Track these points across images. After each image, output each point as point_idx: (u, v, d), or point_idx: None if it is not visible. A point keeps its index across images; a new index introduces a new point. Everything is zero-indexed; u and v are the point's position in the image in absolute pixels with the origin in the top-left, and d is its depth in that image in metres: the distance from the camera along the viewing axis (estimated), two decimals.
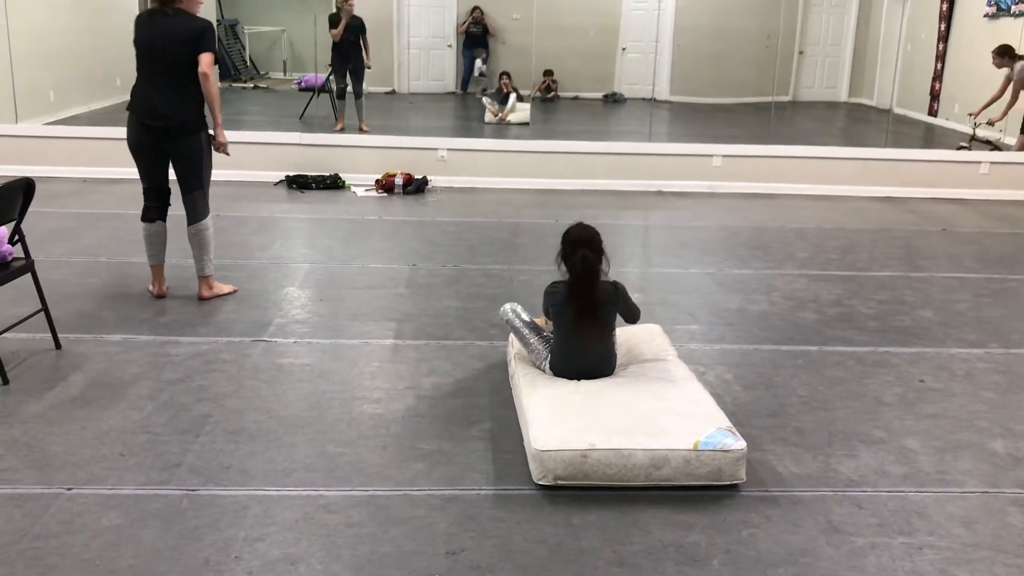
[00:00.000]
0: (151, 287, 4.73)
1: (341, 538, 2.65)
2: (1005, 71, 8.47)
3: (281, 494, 2.87)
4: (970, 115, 8.87)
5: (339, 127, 9.49)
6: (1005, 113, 8.42)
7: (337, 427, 3.33)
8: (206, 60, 4.34)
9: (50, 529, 2.64)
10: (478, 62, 12.15)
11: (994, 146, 8.54)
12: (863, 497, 2.96)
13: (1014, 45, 8.57)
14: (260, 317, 4.47)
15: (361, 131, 9.38)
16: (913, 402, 3.72)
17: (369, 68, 9.85)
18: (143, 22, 4.42)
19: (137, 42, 4.42)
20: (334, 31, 9.52)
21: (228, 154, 4.67)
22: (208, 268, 4.65)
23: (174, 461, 3.05)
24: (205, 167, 4.55)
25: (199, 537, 2.63)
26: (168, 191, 4.64)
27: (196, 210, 4.58)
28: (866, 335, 4.49)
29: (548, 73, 12.53)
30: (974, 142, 8.68)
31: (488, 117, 10.61)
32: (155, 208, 4.62)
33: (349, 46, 9.58)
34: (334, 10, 9.73)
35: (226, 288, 4.78)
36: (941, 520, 2.84)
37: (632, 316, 3.63)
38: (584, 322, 3.41)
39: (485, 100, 10.92)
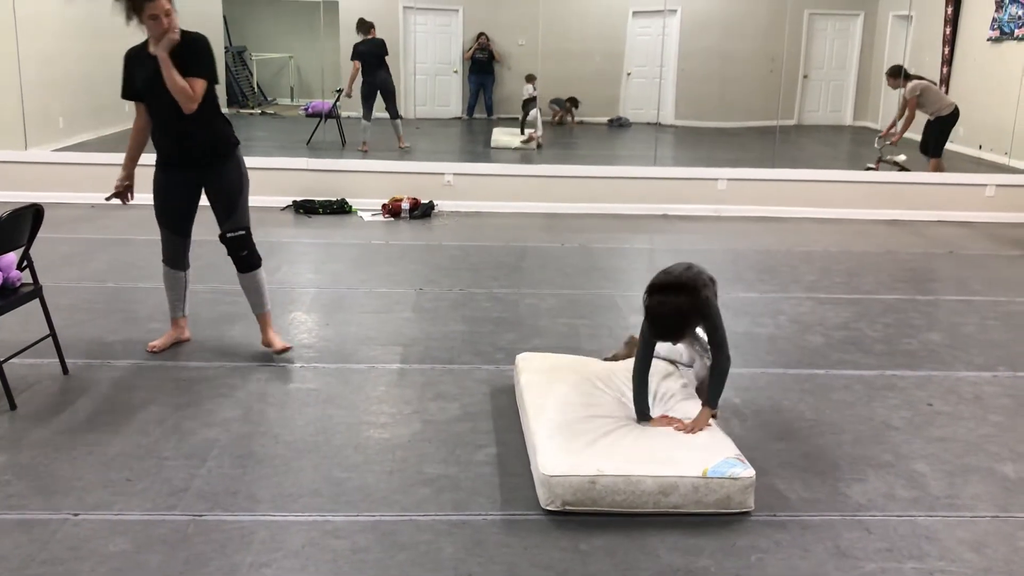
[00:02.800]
0: None
1: (347, 564, 2.64)
2: (900, 91, 8.68)
3: (288, 519, 2.86)
4: (879, 136, 9.00)
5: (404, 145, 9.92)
6: (901, 135, 8.66)
7: (343, 452, 3.33)
8: None
9: (57, 555, 2.64)
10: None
11: (900, 167, 8.68)
12: (872, 522, 2.95)
13: (1006, 67, 8.64)
14: None
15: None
16: (921, 425, 3.71)
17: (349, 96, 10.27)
18: None
19: None
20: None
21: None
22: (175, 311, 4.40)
23: (181, 486, 3.04)
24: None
25: (206, 563, 2.62)
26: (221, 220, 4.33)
27: None
28: (873, 358, 4.48)
29: (573, 102, 12.58)
30: (881, 163, 8.80)
31: (508, 142, 10.60)
32: None
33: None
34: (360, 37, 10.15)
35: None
36: (951, 544, 2.82)
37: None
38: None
39: (535, 113, 10.85)
